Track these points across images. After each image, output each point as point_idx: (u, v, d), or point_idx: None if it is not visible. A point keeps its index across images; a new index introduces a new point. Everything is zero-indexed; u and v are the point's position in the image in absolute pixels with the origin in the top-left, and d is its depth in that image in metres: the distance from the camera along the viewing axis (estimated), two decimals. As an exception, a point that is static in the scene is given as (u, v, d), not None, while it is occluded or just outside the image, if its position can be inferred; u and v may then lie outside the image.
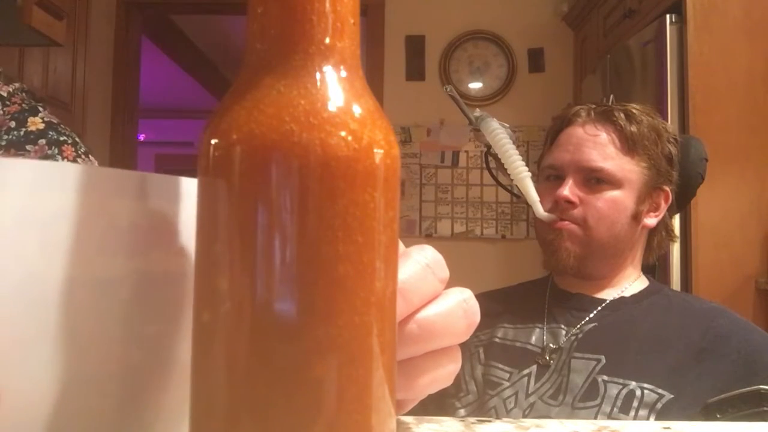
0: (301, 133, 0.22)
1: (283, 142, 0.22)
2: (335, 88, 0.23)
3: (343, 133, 0.22)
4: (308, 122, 0.22)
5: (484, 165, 1.22)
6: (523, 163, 0.96)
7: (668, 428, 0.40)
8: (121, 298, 0.24)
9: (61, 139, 0.60)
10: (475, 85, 3.11)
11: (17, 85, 0.63)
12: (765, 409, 0.75)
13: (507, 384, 0.92)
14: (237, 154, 0.22)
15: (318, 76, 0.23)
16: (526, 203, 0.97)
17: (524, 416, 0.87)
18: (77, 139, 0.63)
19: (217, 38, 4.48)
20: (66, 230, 0.22)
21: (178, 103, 5.86)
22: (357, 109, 0.23)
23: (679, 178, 1.00)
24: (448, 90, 1.04)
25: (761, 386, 0.77)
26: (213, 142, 0.23)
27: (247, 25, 0.24)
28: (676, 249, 1.77)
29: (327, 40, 0.23)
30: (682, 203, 1.06)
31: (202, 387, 0.23)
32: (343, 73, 0.23)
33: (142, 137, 5.63)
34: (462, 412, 0.93)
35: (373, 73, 3.01)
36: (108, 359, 0.24)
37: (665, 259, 1.75)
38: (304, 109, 0.22)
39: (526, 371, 0.92)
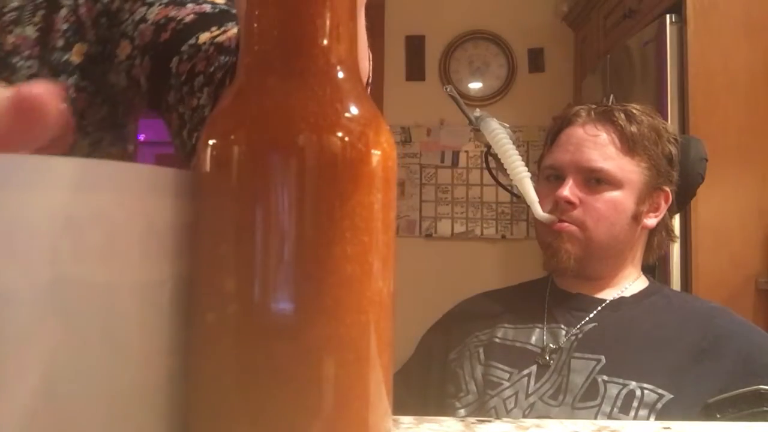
0: (301, 134, 0.22)
1: (283, 143, 0.22)
2: (335, 89, 0.23)
3: (340, 134, 0.22)
4: (309, 123, 0.22)
5: (484, 165, 1.22)
6: (523, 163, 0.96)
7: (668, 428, 0.40)
8: (161, 304, 0.23)
9: None
10: (475, 85, 3.10)
11: None
12: (765, 409, 0.75)
13: (507, 384, 0.92)
14: (236, 155, 0.22)
15: (317, 77, 0.23)
16: (526, 203, 0.97)
17: (524, 416, 0.87)
18: None
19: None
20: (107, 232, 0.21)
21: (178, 103, 5.85)
22: (357, 111, 0.23)
23: (679, 178, 1.00)
24: (448, 90, 1.04)
25: (761, 386, 0.77)
26: (211, 142, 0.23)
27: (245, 26, 0.24)
28: (676, 249, 1.77)
29: (325, 42, 0.23)
30: (682, 203, 1.06)
31: (205, 385, 0.23)
32: (342, 75, 0.23)
33: (142, 137, 5.62)
34: (462, 412, 0.93)
35: (373, 74, 2.98)
36: (152, 369, 0.23)
37: (665, 259, 1.75)
38: (304, 111, 0.22)
39: (526, 371, 0.92)
